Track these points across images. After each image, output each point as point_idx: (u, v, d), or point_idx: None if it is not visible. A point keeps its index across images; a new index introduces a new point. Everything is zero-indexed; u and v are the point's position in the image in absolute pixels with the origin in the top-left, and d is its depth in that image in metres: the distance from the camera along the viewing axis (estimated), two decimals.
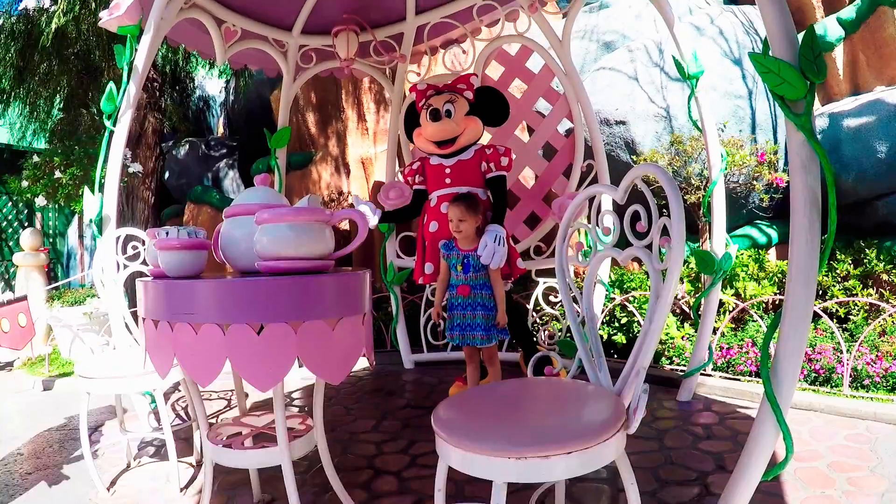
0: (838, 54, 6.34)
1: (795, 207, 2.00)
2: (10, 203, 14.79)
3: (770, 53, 2.03)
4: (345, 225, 7.75)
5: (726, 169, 4.98)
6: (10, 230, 14.90)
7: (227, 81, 11.46)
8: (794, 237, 2.00)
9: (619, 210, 2.13)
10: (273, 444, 2.54)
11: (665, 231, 1.84)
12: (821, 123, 5.89)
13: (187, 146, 10.45)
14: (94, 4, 7.39)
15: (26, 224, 14.90)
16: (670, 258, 1.79)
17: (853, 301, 4.90)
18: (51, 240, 14.85)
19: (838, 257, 5.37)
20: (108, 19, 3.80)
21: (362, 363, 5.44)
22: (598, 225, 2.19)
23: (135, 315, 2.88)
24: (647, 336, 1.87)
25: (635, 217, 1.97)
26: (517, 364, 5.05)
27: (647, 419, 3.88)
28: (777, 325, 2.06)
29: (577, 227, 2.39)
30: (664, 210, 1.81)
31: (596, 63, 7.01)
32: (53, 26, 7.33)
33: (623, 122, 6.18)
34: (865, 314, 4.88)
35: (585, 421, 1.79)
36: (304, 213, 2.19)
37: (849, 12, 6.23)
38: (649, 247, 1.92)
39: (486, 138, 4.81)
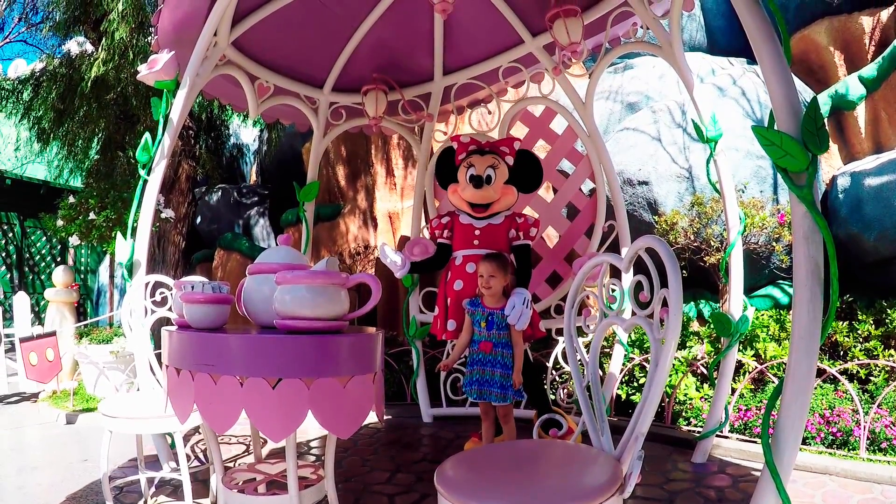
0: (860, 112, 6.40)
1: (798, 278, 2.05)
2: (44, 238, 15.19)
3: (775, 126, 2.10)
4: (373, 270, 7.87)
5: (745, 231, 5.02)
6: (43, 265, 15.27)
7: (261, 131, 11.75)
8: (797, 307, 2.06)
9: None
10: (285, 492, 2.61)
11: (666, 302, 1.91)
12: (842, 182, 5.92)
13: (220, 192, 10.71)
14: (132, 55, 7.71)
15: (59, 259, 15.28)
16: (667, 329, 1.85)
17: (874, 363, 4.86)
18: (82, 276, 15.18)
19: (860, 317, 5.31)
20: (146, 73, 3.99)
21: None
22: (606, 292, 2.27)
23: (159, 357, 2.99)
24: (645, 403, 1.92)
25: (639, 287, 2.04)
26: (532, 420, 5.06)
27: (660, 481, 3.88)
28: (779, 393, 2.10)
29: (585, 295, 2.46)
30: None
31: (620, 123, 7.13)
32: (93, 74, 7.64)
33: (646, 183, 6.26)
34: (887, 375, 4.80)
35: (581, 484, 1.84)
36: (321, 277, 2.30)
37: (870, 70, 6.30)
38: (651, 316, 1.99)
39: None
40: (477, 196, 4.41)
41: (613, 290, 2.30)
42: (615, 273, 5.26)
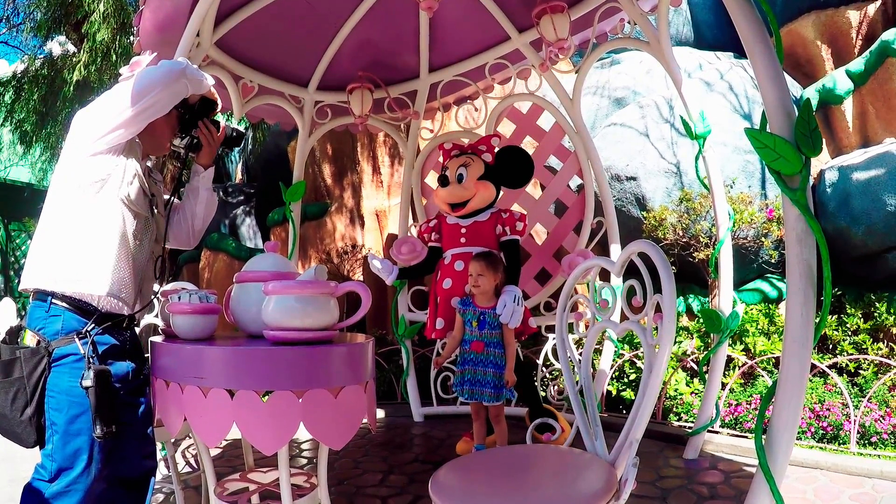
0: (848, 107, 6.41)
1: (791, 280, 2.04)
2: (28, 241, 15.08)
3: (768, 128, 2.08)
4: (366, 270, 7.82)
5: (734, 227, 5.01)
6: None
7: (246, 129, 11.67)
8: (790, 310, 2.04)
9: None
10: (278, 502, 2.58)
11: (659, 308, 1.89)
12: (830, 176, 5.93)
13: None
14: (114, 57, 7.63)
15: None
16: (661, 336, 1.84)
17: (863, 358, 4.88)
18: None
19: (848, 311, 5.34)
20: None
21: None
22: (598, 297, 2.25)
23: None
24: (640, 409, 1.90)
25: (632, 291, 2.03)
26: (524, 419, 5.05)
27: (653, 478, 3.88)
28: (772, 395, 2.09)
29: (576, 300, 2.44)
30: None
31: (607, 119, 7.12)
32: (76, 77, 7.57)
33: (634, 178, 6.26)
34: (876, 368, 4.82)
35: (576, 492, 1.83)
36: (310, 286, 2.27)
37: (857, 64, 6.32)
38: (645, 320, 1.97)
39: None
40: (446, 195, 4.45)
41: (605, 293, 2.28)
42: (604, 272, 5.27)
